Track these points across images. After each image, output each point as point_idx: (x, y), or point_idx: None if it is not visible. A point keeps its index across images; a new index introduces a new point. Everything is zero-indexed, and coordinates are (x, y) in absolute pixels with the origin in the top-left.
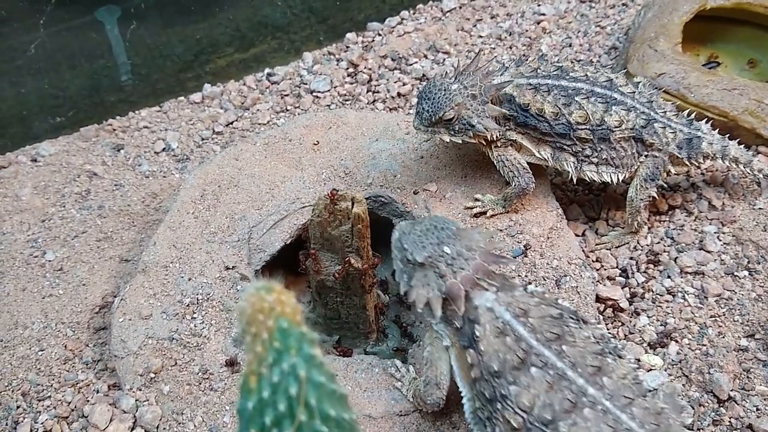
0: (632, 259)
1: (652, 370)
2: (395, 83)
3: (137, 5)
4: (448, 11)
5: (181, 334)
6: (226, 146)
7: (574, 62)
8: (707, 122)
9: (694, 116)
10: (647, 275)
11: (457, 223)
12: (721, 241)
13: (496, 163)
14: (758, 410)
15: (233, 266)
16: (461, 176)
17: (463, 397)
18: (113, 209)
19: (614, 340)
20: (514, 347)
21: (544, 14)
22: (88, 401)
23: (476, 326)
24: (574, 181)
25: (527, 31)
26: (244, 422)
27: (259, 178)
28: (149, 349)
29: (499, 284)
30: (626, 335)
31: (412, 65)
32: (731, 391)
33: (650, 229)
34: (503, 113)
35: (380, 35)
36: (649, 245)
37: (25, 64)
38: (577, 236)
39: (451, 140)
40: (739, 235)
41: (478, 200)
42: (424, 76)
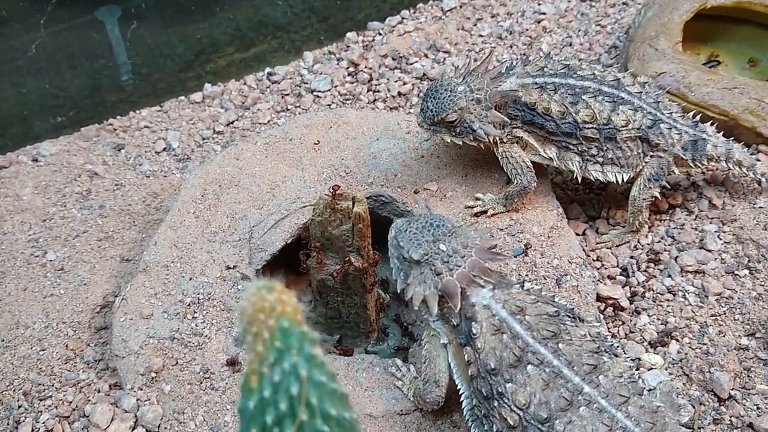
0: (633, 258)
1: (652, 369)
2: (396, 82)
3: (138, 5)
4: (448, 10)
5: (182, 333)
6: (226, 146)
7: (581, 61)
8: (711, 124)
9: (699, 118)
10: (648, 274)
11: (453, 220)
12: (721, 240)
13: (500, 159)
14: (759, 409)
15: (234, 266)
16: (462, 175)
17: (461, 394)
18: (114, 209)
19: (611, 338)
20: (510, 345)
21: (544, 13)
22: (89, 401)
23: (473, 324)
24: (578, 180)
25: (528, 30)
26: (245, 421)
27: (259, 177)
28: (150, 348)
29: (495, 281)
30: (627, 334)
31: (412, 64)
32: (732, 389)
33: (651, 228)
34: (505, 120)
35: (381, 34)
36: (649, 244)
37: (25, 64)
38: (577, 235)
39: (451, 141)
40: (739, 233)
41: (478, 199)
42: (424, 75)
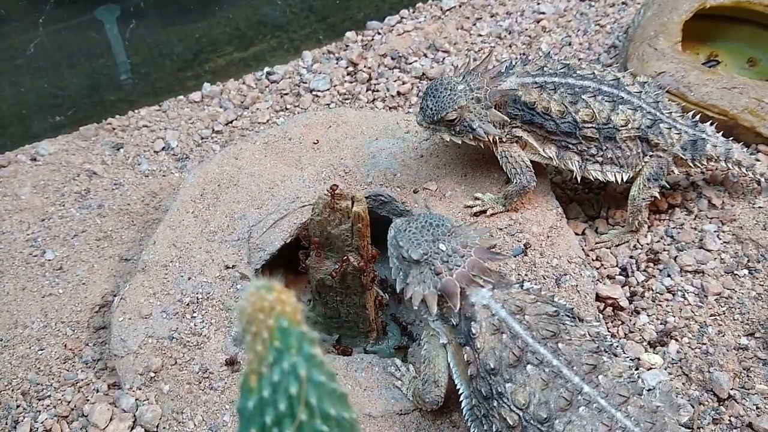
0: (632, 257)
1: (652, 368)
2: (395, 82)
3: (136, 4)
4: (447, 10)
5: (181, 333)
6: (225, 145)
7: (581, 60)
8: (711, 124)
9: (698, 117)
10: (647, 274)
11: (452, 219)
12: (720, 239)
13: (499, 158)
14: (758, 409)
15: (233, 265)
16: (461, 175)
17: (460, 394)
18: (113, 208)
19: (610, 338)
20: (510, 345)
21: (543, 13)
22: (88, 400)
23: (472, 323)
24: (578, 180)
25: (527, 29)
26: (244, 421)
27: (258, 177)
28: (149, 348)
29: (494, 281)
30: (626, 334)
31: (411, 64)
32: (731, 389)
33: (650, 227)
34: (505, 120)
35: (380, 34)
36: (649, 244)
37: (24, 63)
38: (577, 235)
39: (451, 140)
40: (738, 233)
41: (478, 199)
42: (423, 74)
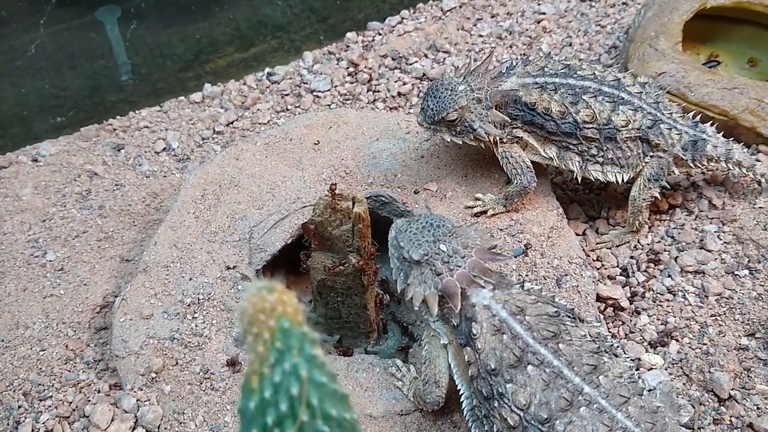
0: (633, 258)
1: (652, 369)
2: (395, 83)
3: (137, 5)
4: (448, 10)
5: (182, 333)
6: (226, 146)
7: (581, 61)
8: (712, 124)
9: (699, 118)
10: (648, 274)
11: (453, 220)
12: (721, 240)
13: (500, 159)
14: (759, 409)
15: (234, 266)
16: (462, 175)
17: (461, 395)
18: (114, 209)
19: (611, 338)
20: (510, 345)
21: (544, 13)
22: (89, 401)
23: (473, 324)
24: (578, 180)
25: (527, 30)
26: (245, 422)
27: (259, 177)
28: (150, 348)
29: (495, 282)
30: (627, 334)
31: (412, 64)
32: (732, 390)
33: (651, 228)
34: (506, 120)
35: (380, 34)
36: (649, 244)
37: (25, 64)
38: (577, 235)
39: (451, 140)
40: (739, 234)
41: (478, 199)
42: (424, 75)
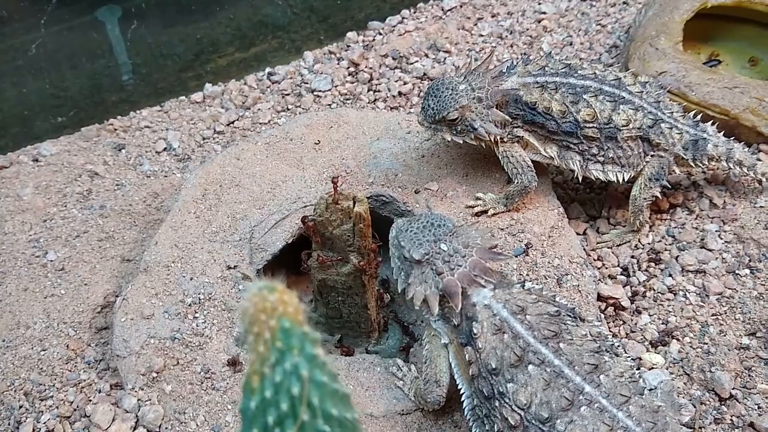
0: (633, 257)
1: (653, 368)
2: (396, 82)
3: (138, 5)
4: (448, 10)
5: (183, 333)
6: (227, 146)
7: (582, 60)
8: (712, 124)
9: (700, 117)
10: (648, 274)
11: (454, 220)
12: (722, 239)
13: (500, 158)
14: (760, 408)
15: (235, 266)
16: (462, 175)
17: (462, 394)
18: (115, 209)
19: (612, 338)
20: (511, 344)
21: (544, 13)
22: (90, 401)
23: (474, 323)
24: (579, 180)
25: (528, 29)
26: (246, 422)
27: (260, 177)
28: (151, 348)
29: (496, 281)
30: (628, 334)
31: (413, 64)
32: (733, 389)
33: (651, 227)
34: (506, 119)
35: (381, 34)
36: (650, 244)
37: (26, 64)
38: (578, 235)
39: (452, 140)
40: (740, 233)
41: (479, 199)
42: (425, 75)
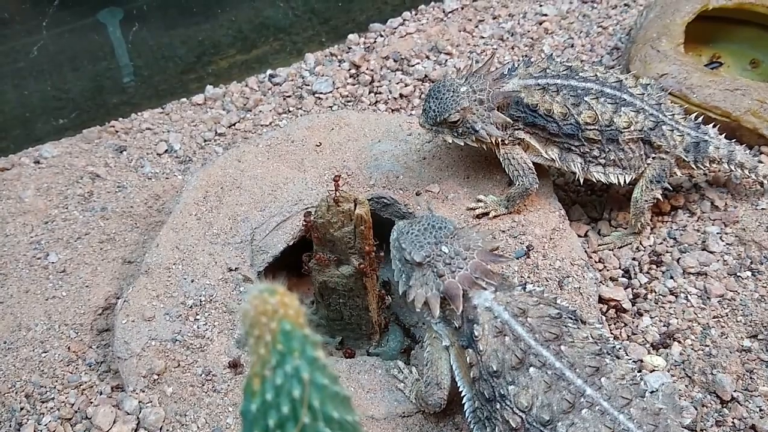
0: (635, 259)
1: (654, 370)
2: (397, 84)
3: (139, 7)
4: (449, 12)
5: (184, 335)
6: (228, 148)
7: (583, 62)
8: (714, 126)
9: (701, 119)
10: (650, 276)
11: (455, 222)
12: (723, 241)
13: (501, 160)
14: (761, 411)
15: (236, 268)
16: (464, 177)
17: (463, 397)
18: (116, 211)
19: (613, 340)
20: (512, 347)
21: (546, 15)
22: (91, 403)
23: (475, 326)
24: (580, 182)
25: (529, 31)
26: (247, 424)
27: (261, 179)
28: (152, 350)
29: (497, 283)
30: (629, 336)
31: (414, 66)
32: (734, 391)
33: (653, 229)
34: (508, 121)
35: (382, 36)
36: (651, 246)
37: (27, 66)
38: (579, 237)
39: (453, 141)
40: (741, 235)
41: (480, 201)
42: (426, 77)
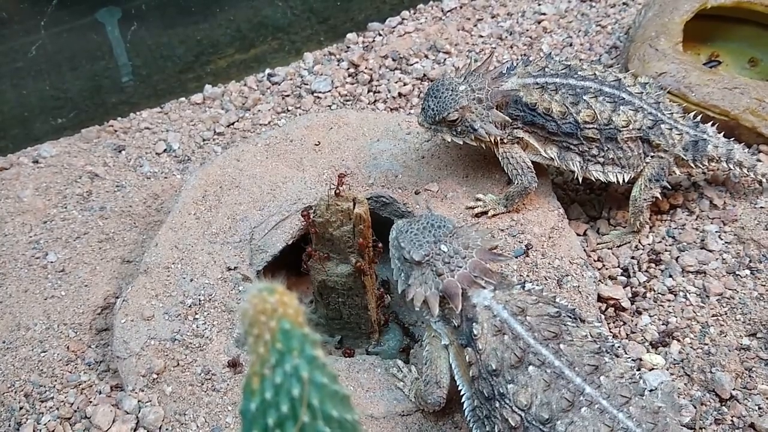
0: (634, 258)
1: (654, 369)
2: (396, 83)
3: (138, 6)
4: (448, 11)
5: (183, 334)
6: (227, 147)
7: (582, 61)
8: (712, 124)
9: (700, 118)
10: (649, 274)
11: (454, 221)
12: (722, 240)
13: (500, 159)
14: (760, 409)
15: (235, 267)
16: (463, 176)
17: (462, 395)
18: (115, 210)
19: (612, 339)
20: (511, 346)
21: (544, 14)
22: (90, 402)
23: (474, 324)
24: (579, 181)
25: (528, 30)
26: (246, 423)
27: (260, 178)
28: (151, 350)
29: (496, 282)
30: (628, 334)
31: (412, 65)
32: (733, 390)
33: (652, 228)
34: (507, 120)
35: (381, 35)
36: (650, 244)
37: (26, 65)
38: (578, 236)
39: (452, 140)
40: (740, 233)
41: (479, 200)
42: (424, 76)
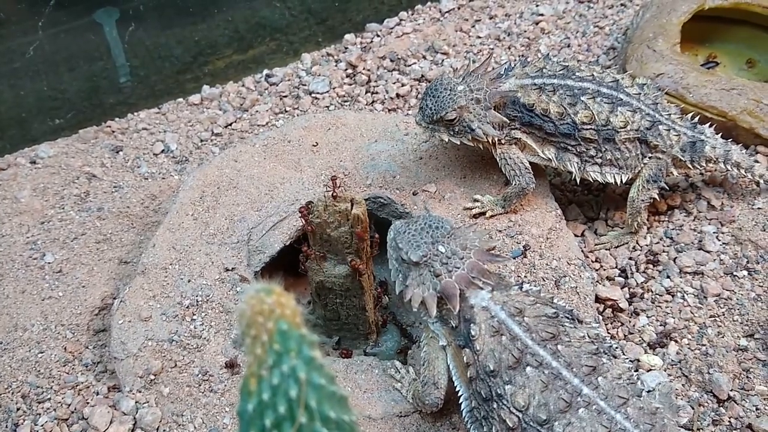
0: (631, 259)
1: (651, 370)
2: (394, 84)
3: (136, 7)
4: (446, 12)
5: (180, 335)
6: (225, 148)
7: (580, 62)
8: (710, 125)
9: (697, 119)
10: (646, 275)
11: (451, 221)
12: (720, 241)
13: (498, 160)
14: (758, 410)
15: (233, 268)
16: (460, 177)
17: (460, 396)
18: (112, 211)
19: (609, 339)
20: (509, 346)
21: (542, 15)
22: (87, 403)
23: (472, 325)
24: (577, 181)
25: (526, 31)
26: (244, 424)
27: (258, 179)
28: (149, 350)
29: (494, 283)
30: (626, 335)
31: (410, 66)
32: (731, 390)
33: (649, 229)
34: (504, 121)
35: (379, 36)
36: (648, 245)
37: (23, 66)
38: (576, 236)
39: (450, 140)
40: (738, 234)
41: (477, 201)
42: (422, 76)
